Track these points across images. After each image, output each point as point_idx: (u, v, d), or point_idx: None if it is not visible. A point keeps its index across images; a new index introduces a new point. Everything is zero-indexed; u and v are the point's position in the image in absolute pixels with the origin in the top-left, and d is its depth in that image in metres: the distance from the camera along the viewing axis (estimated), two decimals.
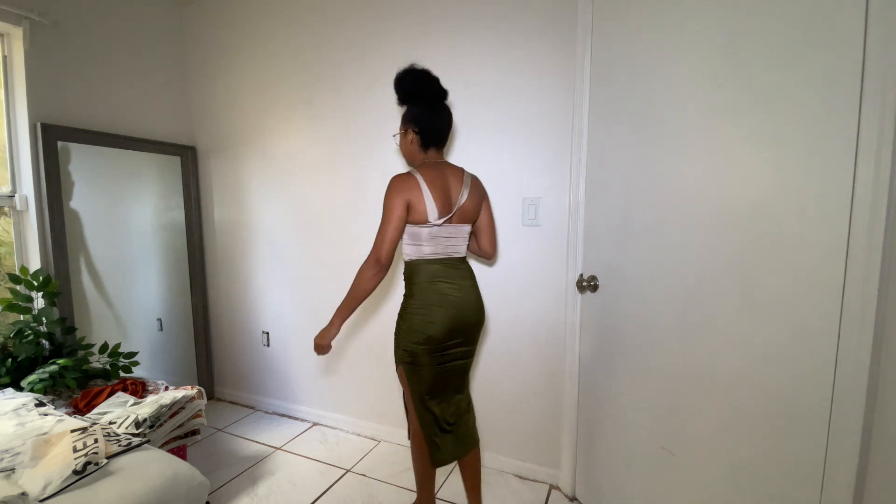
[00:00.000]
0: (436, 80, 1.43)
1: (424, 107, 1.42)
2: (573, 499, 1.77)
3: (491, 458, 1.98)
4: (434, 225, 1.38)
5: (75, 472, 1.09)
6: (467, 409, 1.52)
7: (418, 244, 1.40)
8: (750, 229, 1.04)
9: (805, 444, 0.96)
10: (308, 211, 2.31)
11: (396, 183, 1.37)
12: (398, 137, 1.49)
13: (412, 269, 1.43)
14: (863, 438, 0.88)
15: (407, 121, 1.44)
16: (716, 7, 1.09)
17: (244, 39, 2.36)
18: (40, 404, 1.47)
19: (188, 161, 2.53)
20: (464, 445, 1.49)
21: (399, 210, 1.35)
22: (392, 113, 2.01)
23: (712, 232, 1.12)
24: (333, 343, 2.33)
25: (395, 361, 1.47)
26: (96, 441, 1.20)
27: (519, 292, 1.85)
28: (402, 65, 1.94)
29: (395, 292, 2.09)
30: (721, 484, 1.14)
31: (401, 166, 2.02)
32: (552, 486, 1.85)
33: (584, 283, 1.56)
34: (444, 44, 1.86)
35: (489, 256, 1.61)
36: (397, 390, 2.17)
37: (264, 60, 2.32)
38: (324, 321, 2.30)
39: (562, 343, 1.76)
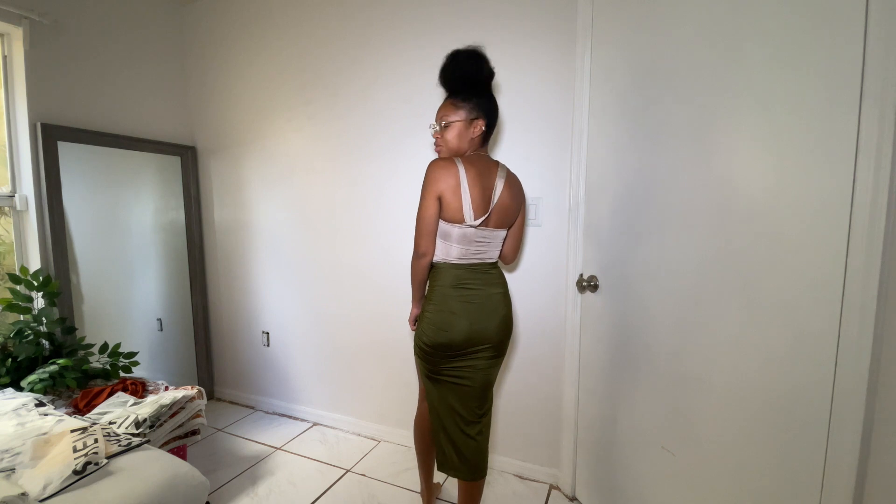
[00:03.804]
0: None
1: (491, 97, 1.31)
2: (573, 499, 1.77)
3: (491, 458, 1.97)
4: (469, 226, 1.25)
5: (75, 472, 1.09)
6: (479, 438, 1.39)
7: (447, 244, 1.29)
8: (750, 229, 1.04)
9: (805, 444, 0.96)
10: (308, 210, 2.31)
11: (433, 171, 1.23)
12: (454, 126, 1.29)
13: (436, 270, 1.33)
14: (863, 439, 0.87)
15: (476, 108, 1.28)
16: (715, 7, 1.09)
17: (243, 39, 2.36)
18: (40, 404, 1.47)
19: (188, 161, 2.53)
20: (466, 473, 1.38)
21: (432, 208, 1.24)
22: (390, 112, 2.02)
23: (712, 232, 1.12)
24: (335, 343, 2.34)
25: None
26: (96, 441, 1.20)
27: (519, 292, 1.85)
28: (400, 65, 1.97)
29: (397, 293, 2.09)
30: (721, 484, 1.14)
31: (399, 165, 2.02)
32: (552, 486, 1.85)
33: (584, 283, 1.56)
34: (443, 44, 1.85)
35: (508, 262, 1.49)
36: (397, 390, 2.17)
37: (264, 60, 2.32)
38: (323, 320, 2.34)
39: (562, 343, 1.76)
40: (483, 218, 1.26)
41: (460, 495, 1.44)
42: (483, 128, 1.30)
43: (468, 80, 1.28)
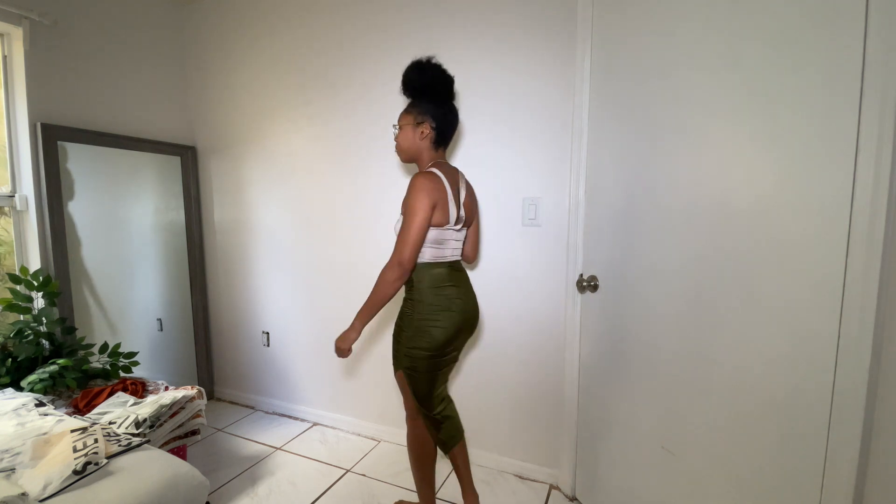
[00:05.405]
0: (452, 77, 1.41)
1: (442, 102, 1.38)
2: (573, 499, 1.77)
3: (491, 458, 1.98)
4: (452, 228, 1.38)
5: (75, 472, 1.09)
6: (450, 399, 1.55)
7: (431, 247, 1.37)
8: (750, 229, 1.04)
9: (805, 444, 0.96)
10: (308, 210, 2.31)
11: (423, 182, 1.30)
12: (404, 129, 1.40)
13: (419, 272, 1.38)
14: (863, 439, 0.87)
15: (422, 113, 1.37)
16: (716, 6, 1.09)
17: (243, 39, 2.36)
18: (40, 404, 1.47)
19: (188, 161, 2.53)
20: (459, 431, 1.53)
21: (427, 212, 1.29)
22: (391, 112, 2.01)
23: (713, 232, 1.12)
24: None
25: (395, 367, 1.46)
26: (96, 441, 1.20)
27: (519, 292, 1.85)
28: (401, 66, 1.96)
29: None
30: (721, 484, 1.14)
31: (400, 165, 2.02)
32: (552, 486, 1.85)
33: (584, 283, 1.56)
34: (443, 45, 1.86)
35: (472, 261, 1.62)
36: (397, 390, 2.16)
37: (264, 60, 2.32)
38: (324, 320, 2.33)
39: (562, 343, 1.76)
40: (463, 220, 1.42)
41: (458, 466, 1.55)
42: (431, 131, 1.38)
43: (412, 87, 1.40)
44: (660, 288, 1.27)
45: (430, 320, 1.37)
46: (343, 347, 1.40)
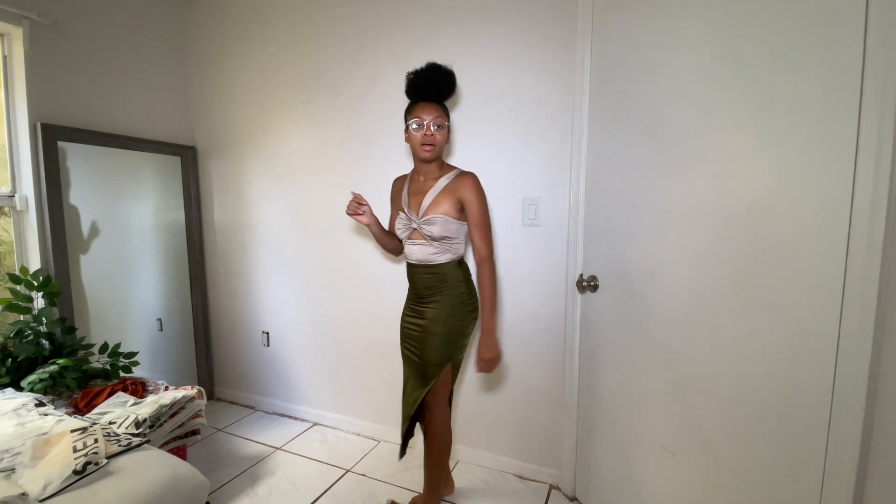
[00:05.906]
0: None
1: None
2: (573, 499, 1.77)
3: (491, 458, 1.98)
4: None
5: (75, 472, 1.09)
6: None
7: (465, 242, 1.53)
8: (750, 229, 1.04)
9: (805, 444, 0.96)
10: (308, 210, 2.31)
11: (480, 183, 1.43)
12: (446, 129, 1.42)
13: (464, 267, 1.52)
14: (863, 438, 0.87)
15: (448, 120, 1.44)
16: (716, 7, 1.09)
17: (244, 39, 2.36)
18: (40, 404, 1.47)
19: (188, 161, 2.53)
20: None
21: None
22: (391, 112, 2.01)
23: (712, 232, 1.12)
24: (335, 343, 2.36)
25: (440, 364, 1.45)
26: (96, 441, 1.21)
27: (519, 292, 1.85)
28: (401, 64, 1.96)
29: (397, 292, 2.08)
30: (721, 484, 1.14)
31: (400, 164, 2.02)
32: (552, 486, 1.85)
33: (584, 283, 1.56)
34: (443, 45, 1.86)
35: (398, 253, 1.71)
36: (398, 390, 2.16)
37: (264, 60, 2.32)
38: (324, 320, 2.33)
39: (562, 343, 1.76)
40: None
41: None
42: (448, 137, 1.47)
43: (441, 91, 1.40)
44: (660, 288, 1.27)
45: (475, 306, 1.51)
46: (496, 355, 1.41)
